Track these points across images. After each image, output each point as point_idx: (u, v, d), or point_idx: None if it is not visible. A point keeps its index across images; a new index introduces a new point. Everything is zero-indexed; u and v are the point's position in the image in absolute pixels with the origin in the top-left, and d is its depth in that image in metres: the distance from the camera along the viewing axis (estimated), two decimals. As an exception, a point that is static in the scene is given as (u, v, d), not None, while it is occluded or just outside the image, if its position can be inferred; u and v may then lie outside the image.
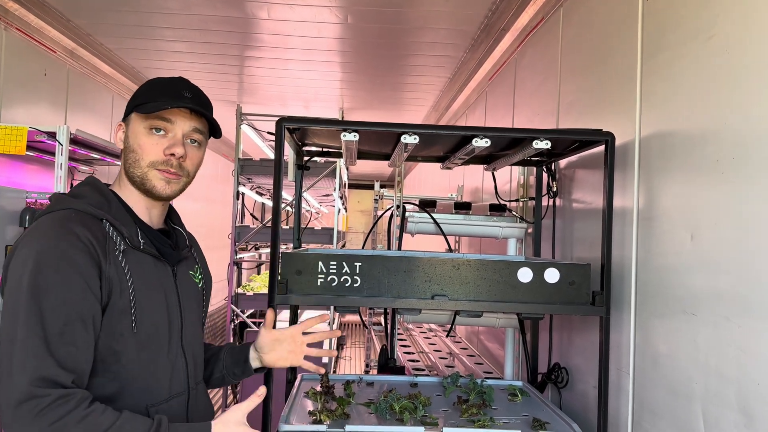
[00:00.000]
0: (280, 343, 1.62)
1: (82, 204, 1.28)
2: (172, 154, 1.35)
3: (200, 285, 1.50)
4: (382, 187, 4.83)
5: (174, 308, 1.36)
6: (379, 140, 2.22)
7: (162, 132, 1.35)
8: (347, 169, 7.73)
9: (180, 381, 1.37)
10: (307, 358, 1.68)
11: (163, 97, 1.34)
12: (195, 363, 1.44)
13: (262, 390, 1.36)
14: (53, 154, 2.79)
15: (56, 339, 1.14)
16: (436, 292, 1.84)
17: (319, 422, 1.82)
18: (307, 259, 1.85)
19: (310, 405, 2.00)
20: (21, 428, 1.09)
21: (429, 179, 7.32)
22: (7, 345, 1.13)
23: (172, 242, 1.43)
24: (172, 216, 1.50)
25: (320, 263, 1.84)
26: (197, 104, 1.37)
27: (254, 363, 1.63)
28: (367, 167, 11.37)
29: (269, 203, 7.55)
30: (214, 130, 1.45)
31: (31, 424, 1.09)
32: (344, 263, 1.84)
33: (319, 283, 1.84)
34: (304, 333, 1.67)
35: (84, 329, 1.18)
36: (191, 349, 1.41)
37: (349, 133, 1.86)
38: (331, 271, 1.84)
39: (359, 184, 13.45)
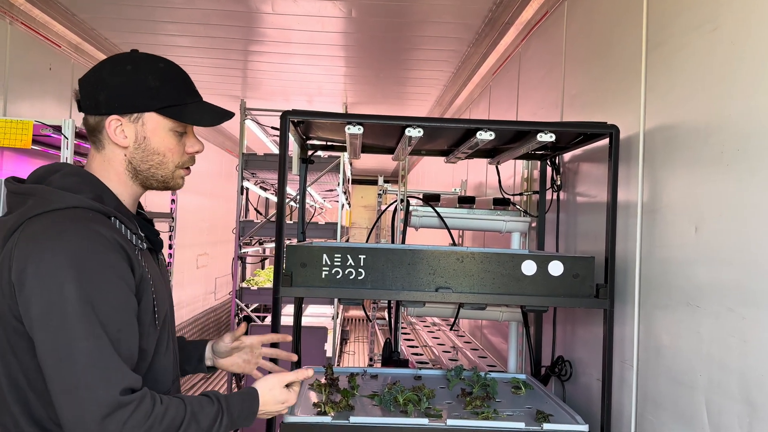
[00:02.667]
0: (237, 350, 1.65)
1: (85, 200, 1.20)
2: (197, 151, 1.37)
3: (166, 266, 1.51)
4: (385, 182, 4.83)
5: (170, 298, 1.38)
6: (383, 134, 2.22)
7: (181, 132, 1.34)
8: (351, 164, 7.75)
9: (176, 367, 1.40)
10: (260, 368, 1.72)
11: (188, 98, 1.32)
12: (176, 351, 1.45)
13: (310, 372, 1.48)
14: (59, 148, 2.80)
15: (118, 346, 1.12)
16: (441, 285, 1.85)
17: (324, 414, 1.83)
18: (312, 251, 1.85)
19: (314, 397, 2.01)
20: None
21: (432, 174, 7.32)
22: (66, 361, 1.07)
23: (155, 229, 1.40)
24: None
25: (325, 256, 1.85)
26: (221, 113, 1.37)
27: (208, 362, 1.64)
28: (370, 163, 11.38)
29: (273, 198, 7.56)
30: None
31: (123, 430, 1.08)
32: (349, 256, 1.85)
33: (323, 276, 1.84)
34: (263, 345, 1.71)
35: (133, 333, 1.17)
36: (174, 337, 1.43)
37: (354, 126, 1.87)
38: (335, 263, 1.85)
39: (362, 179, 13.45)
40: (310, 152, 2.54)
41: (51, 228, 1.14)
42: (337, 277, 1.85)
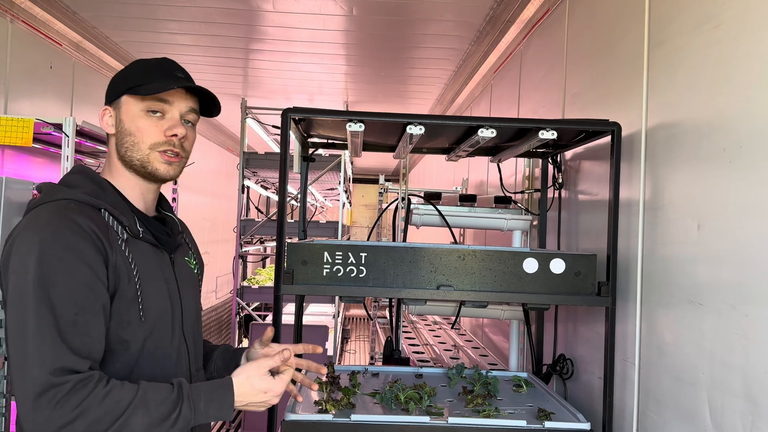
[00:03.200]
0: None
1: (77, 193, 1.26)
2: (174, 135, 1.35)
3: (196, 271, 1.50)
4: (386, 180, 4.82)
5: (174, 296, 1.36)
6: (385, 131, 2.22)
7: (159, 114, 1.34)
8: (351, 163, 7.74)
9: (183, 368, 1.38)
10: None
11: (158, 79, 1.33)
12: (195, 349, 1.44)
13: (287, 354, 1.38)
14: (60, 146, 2.79)
15: (69, 329, 1.14)
16: (442, 283, 1.85)
17: (325, 412, 1.83)
18: (313, 249, 1.85)
19: (315, 395, 2.01)
20: (43, 419, 1.09)
21: (434, 173, 7.32)
22: (18, 338, 1.13)
23: (168, 229, 1.42)
24: (162, 203, 1.48)
25: (326, 253, 1.85)
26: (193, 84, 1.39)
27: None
28: (370, 161, 11.38)
29: (274, 197, 7.56)
30: (210, 109, 1.45)
31: (52, 413, 1.09)
32: (350, 254, 1.85)
33: (324, 273, 1.84)
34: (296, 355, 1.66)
35: (95, 318, 1.18)
36: (192, 335, 1.42)
37: (355, 123, 1.86)
38: (336, 261, 1.84)
39: (363, 178, 13.45)
40: (311, 150, 2.54)
41: (35, 218, 1.22)
42: (339, 274, 1.84)
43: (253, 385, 1.29)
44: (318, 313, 6.94)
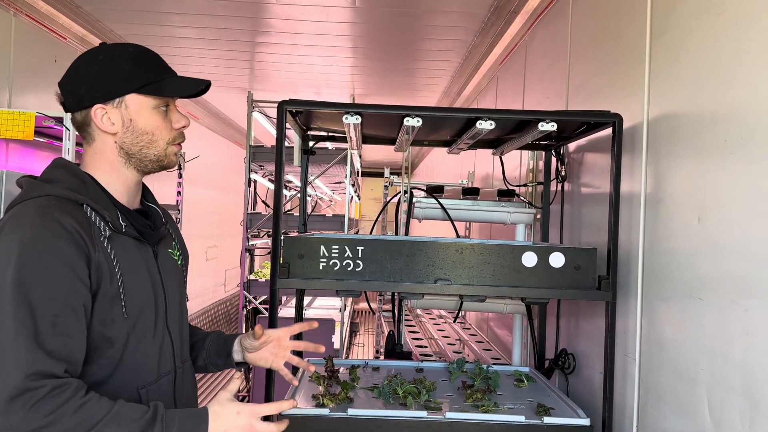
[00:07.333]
0: (265, 345, 1.59)
1: (59, 189, 1.24)
2: (183, 126, 1.39)
3: (179, 263, 1.49)
4: (392, 173, 4.80)
5: (158, 289, 1.35)
6: (385, 124, 2.19)
7: (164, 108, 1.36)
8: (360, 156, 7.71)
9: (167, 361, 1.37)
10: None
11: (161, 73, 1.35)
12: (181, 342, 1.43)
13: (285, 405, 1.33)
14: (62, 139, 2.80)
15: (48, 330, 1.12)
16: (439, 277, 1.83)
17: (322, 406, 1.82)
18: (310, 243, 1.84)
19: (313, 389, 2.00)
20: (16, 423, 1.07)
21: (441, 166, 7.28)
22: None
23: (151, 222, 1.41)
24: (146, 194, 1.47)
25: (322, 247, 1.83)
26: (197, 81, 1.39)
27: (237, 356, 1.60)
28: (379, 155, 11.34)
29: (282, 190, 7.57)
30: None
31: (26, 417, 1.07)
32: (346, 247, 1.83)
33: (321, 267, 1.83)
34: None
35: (76, 319, 1.16)
36: (176, 328, 1.41)
37: (351, 115, 1.84)
38: (333, 255, 1.83)
39: (373, 172, 13.42)
40: (312, 143, 2.52)
41: (14, 217, 1.20)
42: (335, 268, 1.83)
43: (233, 422, 1.24)
44: (325, 307, 6.95)
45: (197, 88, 1.37)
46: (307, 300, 6.47)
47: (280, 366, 1.62)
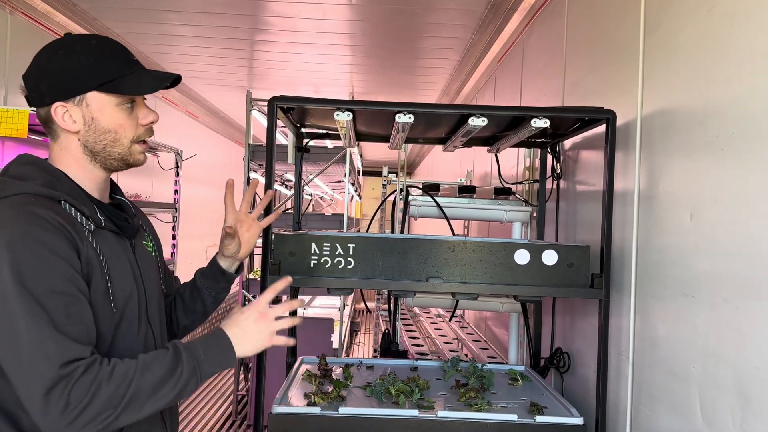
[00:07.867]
0: (240, 225, 1.61)
1: (33, 186, 1.20)
2: (151, 122, 1.34)
3: (154, 254, 1.48)
4: (390, 172, 4.78)
5: (139, 282, 1.34)
6: (379, 121, 2.18)
7: (129, 105, 1.31)
8: (360, 155, 7.69)
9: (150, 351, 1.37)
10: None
11: (125, 68, 1.29)
12: (162, 334, 1.43)
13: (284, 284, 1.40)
14: (57, 137, 2.80)
15: (65, 321, 1.12)
16: (431, 275, 1.81)
17: (313, 404, 1.81)
18: (300, 240, 1.83)
19: (306, 387, 1.99)
20: (59, 410, 1.07)
21: (441, 165, 7.27)
22: (10, 341, 1.09)
23: (126, 215, 1.39)
24: (113, 188, 1.44)
25: (313, 245, 1.82)
26: (162, 77, 1.34)
27: (230, 268, 1.62)
28: (381, 154, 11.33)
29: (281, 189, 7.56)
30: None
31: (69, 399, 1.07)
32: (338, 245, 1.82)
33: (312, 265, 1.82)
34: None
35: (83, 307, 1.16)
36: (156, 321, 1.40)
37: (342, 112, 1.83)
38: (324, 252, 1.82)
39: (374, 171, 13.40)
40: (306, 141, 2.51)
41: None
42: (326, 266, 1.82)
43: (247, 318, 1.32)
44: (325, 306, 6.93)
45: (162, 84, 1.31)
46: (306, 299, 6.45)
47: (256, 234, 1.65)
